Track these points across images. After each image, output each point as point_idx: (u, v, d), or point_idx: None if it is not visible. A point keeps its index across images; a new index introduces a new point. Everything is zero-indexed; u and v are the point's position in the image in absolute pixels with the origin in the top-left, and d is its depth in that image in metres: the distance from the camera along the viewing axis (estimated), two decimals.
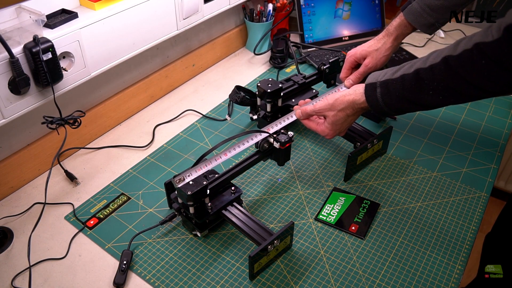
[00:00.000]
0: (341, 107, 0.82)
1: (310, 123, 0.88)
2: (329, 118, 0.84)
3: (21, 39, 0.76)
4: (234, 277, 0.75)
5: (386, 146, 0.99)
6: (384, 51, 0.96)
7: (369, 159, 0.96)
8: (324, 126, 0.86)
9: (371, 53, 0.97)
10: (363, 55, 0.98)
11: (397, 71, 0.75)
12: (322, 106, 0.84)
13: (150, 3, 0.97)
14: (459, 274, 0.75)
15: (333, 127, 0.84)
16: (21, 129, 0.90)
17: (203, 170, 0.76)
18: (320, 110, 0.85)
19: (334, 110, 0.83)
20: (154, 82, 1.16)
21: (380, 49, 0.96)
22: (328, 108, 0.83)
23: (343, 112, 0.82)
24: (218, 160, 0.78)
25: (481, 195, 0.89)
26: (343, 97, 0.82)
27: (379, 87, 0.76)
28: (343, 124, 0.84)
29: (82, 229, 0.83)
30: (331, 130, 0.85)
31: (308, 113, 0.87)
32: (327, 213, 0.85)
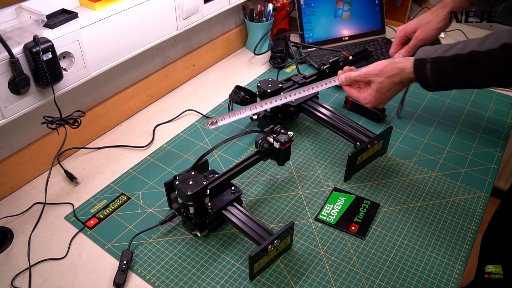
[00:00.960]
0: (389, 74, 0.80)
1: (352, 89, 0.87)
2: (375, 84, 0.82)
3: (21, 39, 0.76)
4: (234, 277, 0.75)
5: (386, 146, 0.98)
6: (436, 23, 0.94)
7: (369, 159, 0.96)
8: (367, 93, 0.84)
9: (422, 25, 0.95)
10: (413, 29, 0.96)
11: (449, 49, 0.75)
12: (370, 70, 0.83)
13: (150, 3, 0.97)
14: (459, 274, 0.75)
15: (376, 94, 0.83)
16: (21, 129, 0.90)
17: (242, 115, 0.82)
18: (367, 75, 0.83)
19: (381, 76, 0.81)
20: (154, 82, 1.16)
21: (432, 21, 0.94)
22: (376, 74, 0.82)
23: (390, 79, 0.81)
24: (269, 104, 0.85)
25: (481, 195, 0.89)
26: (393, 63, 0.81)
27: (429, 63, 0.76)
28: (387, 92, 0.83)
29: (82, 229, 0.83)
30: (374, 98, 0.83)
31: (353, 78, 0.86)
32: (327, 213, 0.85)
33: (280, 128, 0.86)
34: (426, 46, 0.80)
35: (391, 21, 1.56)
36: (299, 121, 1.09)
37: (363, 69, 0.84)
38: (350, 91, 0.88)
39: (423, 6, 1.66)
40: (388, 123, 1.08)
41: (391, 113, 1.11)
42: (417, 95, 1.18)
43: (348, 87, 0.88)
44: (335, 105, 1.15)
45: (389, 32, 1.50)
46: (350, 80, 0.87)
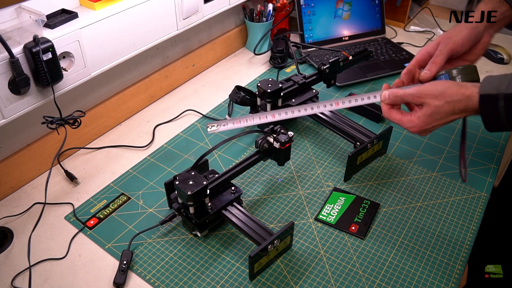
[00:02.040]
0: (452, 99, 0.65)
1: (393, 110, 0.72)
2: (429, 108, 0.67)
3: (21, 39, 0.76)
4: (234, 277, 0.75)
5: (386, 146, 0.98)
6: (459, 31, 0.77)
7: (369, 159, 0.96)
8: (415, 116, 0.69)
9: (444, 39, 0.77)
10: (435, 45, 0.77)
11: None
12: (425, 90, 0.67)
13: (150, 3, 0.97)
14: (459, 274, 0.75)
15: (427, 119, 0.68)
16: (21, 129, 0.90)
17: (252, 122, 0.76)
18: (421, 95, 0.68)
19: (441, 100, 0.66)
20: (154, 82, 1.16)
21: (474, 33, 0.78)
22: (434, 95, 0.67)
23: (450, 106, 0.66)
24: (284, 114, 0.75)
25: (481, 195, 0.89)
26: (459, 87, 0.66)
27: (503, 99, 0.62)
28: (441, 120, 0.68)
29: (82, 229, 0.83)
30: (423, 123, 0.68)
31: (401, 96, 0.70)
32: (327, 213, 0.85)
33: (280, 128, 0.86)
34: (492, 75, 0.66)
35: (391, 21, 1.56)
36: (299, 121, 1.09)
37: (416, 87, 0.68)
38: (390, 112, 0.72)
39: (423, 6, 1.66)
40: (388, 123, 1.08)
41: None
42: None
43: (389, 108, 0.72)
44: None
45: (389, 32, 1.50)
46: (395, 99, 0.71)
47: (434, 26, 1.54)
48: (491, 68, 1.32)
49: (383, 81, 1.24)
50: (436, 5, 1.72)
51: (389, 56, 1.34)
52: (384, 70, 1.27)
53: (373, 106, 1.09)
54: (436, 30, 1.51)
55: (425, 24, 1.56)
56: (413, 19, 1.60)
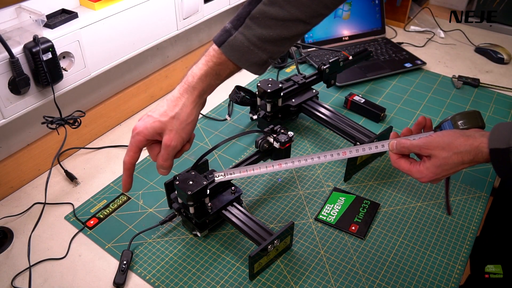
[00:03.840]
0: (459, 150, 0.65)
1: (401, 160, 0.71)
2: (437, 160, 0.66)
3: (21, 39, 0.76)
4: (234, 277, 0.75)
5: None
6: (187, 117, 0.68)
7: (369, 159, 0.96)
8: (423, 167, 0.68)
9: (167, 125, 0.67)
10: (156, 131, 0.68)
11: None
12: (433, 142, 0.67)
13: (150, 3, 0.97)
14: (459, 274, 0.75)
15: (436, 170, 0.67)
16: (21, 129, 0.90)
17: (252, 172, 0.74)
18: (428, 147, 0.67)
19: (449, 151, 0.65)
20: (154, 82, 1.16)
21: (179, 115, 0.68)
22: (441, 147, 0.66)
23: (459, 157, 0.65)
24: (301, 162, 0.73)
25: (481, 195, 0.89)
26: (467, 139, 0.65)
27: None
28: (450, 170, 0.67)
29: (82, 229, 0.83)
30: (432, 173, 0.67)
31: (407, 147, 0.69)
32: (327, 213, 0.85)
33: (280, 128, 0.86)
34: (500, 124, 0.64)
35: (391, 21, 1.56)
36: (299, 121, 1.09)
37: (423, 139, 0.68)
38: (399, 162, 0.71)
39: (423, 6, 1.66)
40: (388, 123, 1.08)
41: (391, 113, 1.11)
42: (417, 94, 1.18)
43: (397, 157, 0.71)
44: (335, 105, 1.15)
45: (389, 32, 1.50)
46: (403, 149, 0.70)
47: (434, 26, 1.54)
48: (491, 68, 1.32)
49: (383, 81, 1.24)
50: (436, 5, 1.72)
51: (389, 56, 1.34)
52: (384, 70, 1.27)
53: (373, 106, 1.09)
54: (436, 30, 1.51)
55: (425, 24, 1.56)
56: (413, 19, 1.60)
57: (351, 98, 1.11)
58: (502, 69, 1.32)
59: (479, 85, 1.22)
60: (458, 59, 1.37)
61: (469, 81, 1.22)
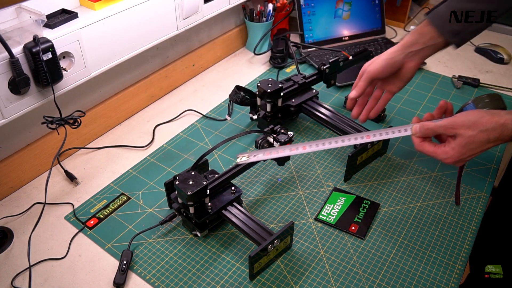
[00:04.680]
0: (485, 127, 0.65)
1: (425, 143, 0.72)
2: (463, 138, 0.67)
3: (21, 39, 0.76)
4: (234, 277, 0.75)
5: (386, 146, 0.98)
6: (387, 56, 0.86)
7: (369, 159, 0.96)
8: (449, 147, 0.69)
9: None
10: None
11: None
12: (458, 121, 0.68)
13: (150, 3, 0.97)
14: (459, 274, 0.75)
15: (462, 150, 0.67)
16: (21, 129, 0.90)
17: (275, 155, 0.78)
18: (454, 126, 0.68)
19: (474, 129, 0.66)
20: (154, 82, 1.16)
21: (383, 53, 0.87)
22: (466, 125, 0.67)
23: (485, 134, 0.66)
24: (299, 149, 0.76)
25: (481, 195, 0.89)
26: (492, 116, 0.66)
27: None
28: (476, 149, 0.68)
29: (82, 229, 0.83)
30: (458, 153, 0.68)
31: (432, 129, 0.70)
32: (327, 213, 0.85)
33: (280, 128, 0.86)
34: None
35: (391, 21, 1.56)
36: (299, 121, 1.09)
37: (448, 119, 0.69)
38: (422, 145, 0.72)
39: (423, 6, 1.66)
40: (388, 123, 1.08)
41: (391, 113, 1.11)
42: (417, 94, 1.18)
43: (421, 140, 0.72)
44: (335, 105, 1.15)
45: (389, 32, 1.50)
46: (427, 131, 0.71)
47: None
48: (491, 68, 1.32)
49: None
50: None
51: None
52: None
53: None
54: None
55: None
56: (413, 19, 1.60)
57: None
58: (502, 69, 1.32)
59: (479, 85, 1.22)
60: (458, 59, 1.37)
61: (469, 81, 1.22)
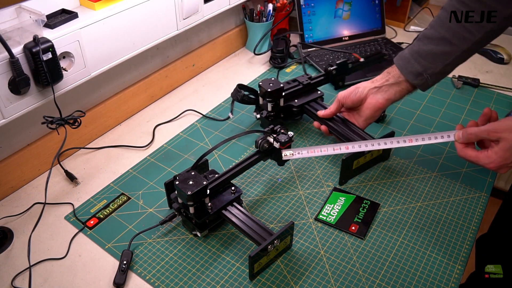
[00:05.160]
0: None
1: (468, 149, 0.72)
2: (506, 143, 0.66)
3: (21, 39, 0.76)
4: (234, 277, 0.75)
5: (389, 151, 0.96)
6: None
7: (369, 163, 0.94)
8: (492, 152, 0.68)
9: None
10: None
11: None
12: (502, 125, 0.67)
13: (150, 3, 0.97)
14: (459, 274, 0.75)
15: (505, 154, 0.67)
16: (21, 129, 0.90)
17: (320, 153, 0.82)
18: (497, 130, 0.67)
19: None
20: (154, 82, 1.16)
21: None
22: (509, 129, 0.66)
23: None
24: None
25: (481, 195, 0.89)
26: None
27: None
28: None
29: (82, 229, 0.83)
30: (501, 158, 0.67)
31: (475, 133, 0.71)
32: (327, 213, 0.85)
33: (280, 128, 0.86)
34: None
35: (391, 21, 1.56)
36: (301, 122, 1.09)
37: (491, 123, 0.69)
38: (465, 151, 0.72)
39: (423, 6, 1.66)
40: (388, 123, 1.08)
41: (391, 113, 1.11)
42: (417, 95, 1.18)
43: (463, 146, 0.73)
44: None
45: (389, 32, 1.50)
46: (470, 136, 0.71)
47: None
48: (491, 68, 1.32)
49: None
50: (436, 5, 1.72)
51: (389, 56, 1.34)
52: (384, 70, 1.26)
53: None
54: None
55: (425, 24, 1.56)
56: (413, 19, 1.60)
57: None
58: (502, 69, 1.32)
59: (479, 85, 1.22)
60: None
61: (469, 81, 1.22)
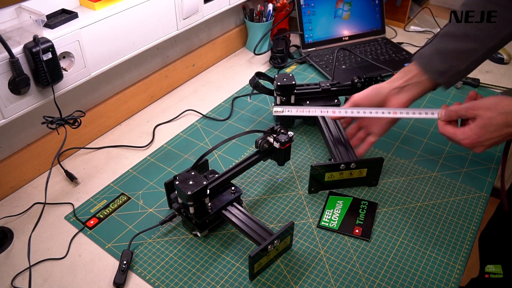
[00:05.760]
0: (505, 110, 0.67)
1: (447, 126, 0.75)
2: (481, 120, 0.69)
3: (21, 39, 0.76)
4: (234, 277, 0.75)
5: (376, 177, 0.89)
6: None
7: (348, 182, 0.89)
8: (468, 128, 0.71)
9: None
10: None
11: None
12: (479, 103, 0.70)
13: (150, 3, 0.97)
14: (459, 274, 0.75)
15: (480, 131, 0.69)
16: (21, 129, 0.90)
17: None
18: (474, 107, 0.71)
19: (493, 111, 0.68)
20: (154, 82, 1.16)
21: None
22: (486, 107, 0.69)
23: (503, 117, 0.67)
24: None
25: (481, 195, 0.89)
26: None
27: None
28: (494, 133, 0.69)
29: (82, 229, 0.83)
30: (476, 134, 0.70)
31: (455, 110, 0.74)
32: (328, 219, 0.84)
33: (280, 128, 0.86)
34: None
35: (391, 21, 1.56)
36: (300, 121, 1.09)
37: (470, 102, 0.72)
38: (445, 127, 0.75)
39: (423, 6, 1.66)
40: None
41: None
42: None
43: (444, 123, 0.76)
44: None
45: (389, 32, 1.50)
46: (450, 113, 0.75)
47: (434, 26, 1.54)
48: (491, 68, 1.32)
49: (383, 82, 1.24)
50: (436, 5, 1.72)
51: (389, 56, 1.34)
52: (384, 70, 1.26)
53: None
54: (436, 30, 1.51)
55: (425, 24, 1.56)
56: (413, 19, 1.60)
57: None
58: (502, 69, 1.32)
59: (479, 85, 1.22)
60: None
61: (469, 81, 1.22)
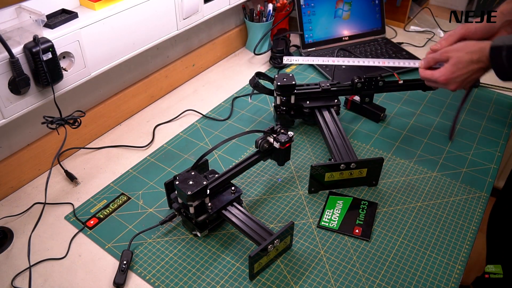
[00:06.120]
0: (470, 50, 0.81)
1: (427, 71, 0.87)
2: (453, 59, 0.82)
3: (21, 39, 0.76)
4: (234, 277, 0.75)
5: (376, 177, 0.90)
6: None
7: (348, 182, 0.89)
8: (443, 68, 0.84)
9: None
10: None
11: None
12: (452, 47, 0.84)
13: (150, 3, 0.97)
14: (459, 274, 0.75)
15: (452, 68, 0.82)
16: (21, 129, 0.90)
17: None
18: (447, 51, 0.84)
19: (461, 51, 0.82)
20: (154, 82, 1.16)
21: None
22: (456, 49, 0.83)
23: (469, 56, 0.80)
24: None
25: (481, 195, 0.89)
26: (477, 42, 0.81)
27: (505, 50, 0.76)
28: (463, 69, 0.82)
29: (82, 229, 0.83)
30: (449, 71, 0.83)
31: (432, 56, 0.87)
32: (328, 219, 0.84)
33: (280, 128, 0.86)
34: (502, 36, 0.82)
35: (391, 21, 1.56)
36: (300, 121, 1.09)
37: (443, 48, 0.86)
38: (424, 72, 0.88)
39: (423, 6, 1.66)
40: (388, 123, 1.08)
41: (391, 113, 1.11)
42: (417, 95, 1.18)
43: (423, 70, 0.88)
44: None
45: (389, 32, 1.50)
46: (428, 59, 0.87)
47: (434, 26, 1.54)
48: None
49: None
50: (436, 5, 1.72)
51: (389, 56, 1.34)
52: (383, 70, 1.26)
53: (373, 106, 1.09)
54: (436, 30, 1.51)
55: (425, 24, 1.56)
56: (413, 19, 1.60)
57: (351, 98, 1.11)
58: None
59: (479, 85, 1.22)
60: None
61: None
